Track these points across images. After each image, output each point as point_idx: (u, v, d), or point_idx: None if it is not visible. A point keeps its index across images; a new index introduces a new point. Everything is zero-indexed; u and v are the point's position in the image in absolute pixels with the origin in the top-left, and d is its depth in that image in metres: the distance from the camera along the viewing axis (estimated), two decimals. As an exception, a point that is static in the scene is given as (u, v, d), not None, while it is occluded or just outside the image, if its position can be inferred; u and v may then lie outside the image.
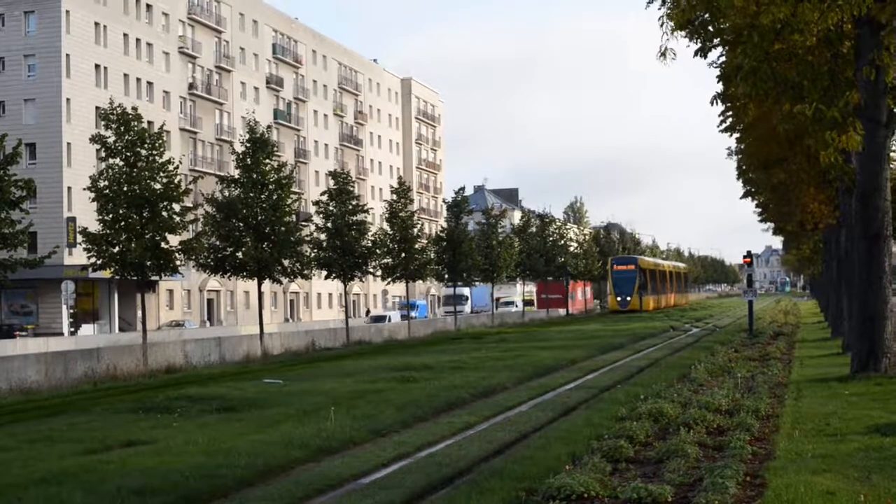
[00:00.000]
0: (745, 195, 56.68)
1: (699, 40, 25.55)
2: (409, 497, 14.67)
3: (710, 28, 25.36)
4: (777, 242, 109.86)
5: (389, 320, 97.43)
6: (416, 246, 76.01)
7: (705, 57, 26.15)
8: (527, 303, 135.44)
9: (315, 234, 66.92)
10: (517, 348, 47.10)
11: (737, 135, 43.10)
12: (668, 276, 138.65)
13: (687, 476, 14.42)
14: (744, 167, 51.22)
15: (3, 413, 28.02)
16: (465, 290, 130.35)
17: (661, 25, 23.72)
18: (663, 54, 23.68)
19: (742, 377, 27.95)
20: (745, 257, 56.99)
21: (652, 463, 15.88)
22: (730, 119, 38.62)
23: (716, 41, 26.47)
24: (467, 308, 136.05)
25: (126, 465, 17.15)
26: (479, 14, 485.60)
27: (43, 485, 15.73)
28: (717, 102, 28.22)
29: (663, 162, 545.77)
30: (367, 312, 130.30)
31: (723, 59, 29.44)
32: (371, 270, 70.31)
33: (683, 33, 24.43)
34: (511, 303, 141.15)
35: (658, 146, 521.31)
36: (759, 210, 63.15)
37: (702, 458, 15.95)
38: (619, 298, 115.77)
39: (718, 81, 30.38)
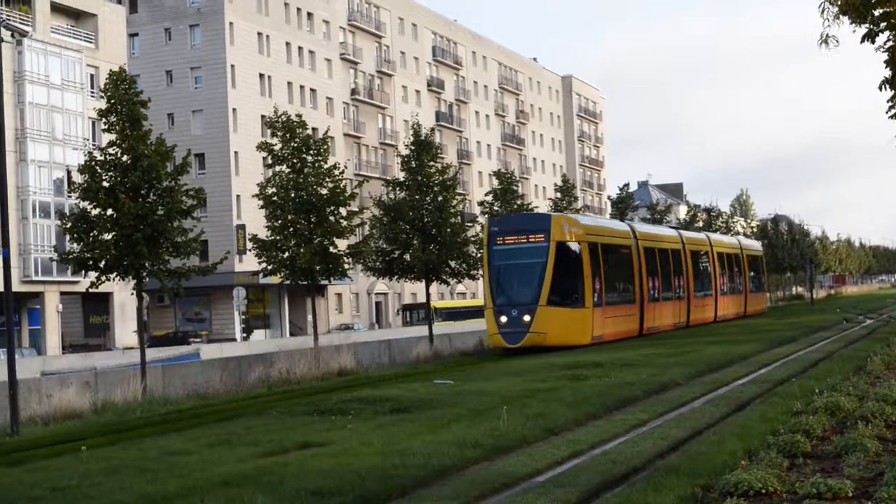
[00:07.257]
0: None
1: (865, 25, 24.93)
2: (586, 494, 14.62)
3: (876, 12, 24.74)
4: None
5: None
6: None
7: (873, 42, 25.51)
8: (446, 313, 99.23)
9: (481, 235, 67.10)
10: (686, 344, 46.49)
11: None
12: (688, 261, 64.24)
13: (867, 471, 14.10)
14: (914, 153, 50.07)
15: (182, 417, 28.62)
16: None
17: (823, 13, 23.20)
18: (825, 41, 23.15)
19: (921, 368, 27.27)
20: (919, 245, 55.43)
21: (830, 458, 15.55)
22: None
23: (882, 25, 25.84)
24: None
25: (303, 467, 17.37)
26: (642, 11, 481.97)
27: (224, 487, 16.02)
28: (885, 88, 27.57)
29: (832, 154, 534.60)
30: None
31: (890, 43, 28.74)
32: (537, 269, 70.26)
33: (847, 20, 23.86)
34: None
35: (825, 138, 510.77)
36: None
37: (882, 452, 15.57)
38: (503, 318, 46.76)
39: (886, 66, 29.68)
